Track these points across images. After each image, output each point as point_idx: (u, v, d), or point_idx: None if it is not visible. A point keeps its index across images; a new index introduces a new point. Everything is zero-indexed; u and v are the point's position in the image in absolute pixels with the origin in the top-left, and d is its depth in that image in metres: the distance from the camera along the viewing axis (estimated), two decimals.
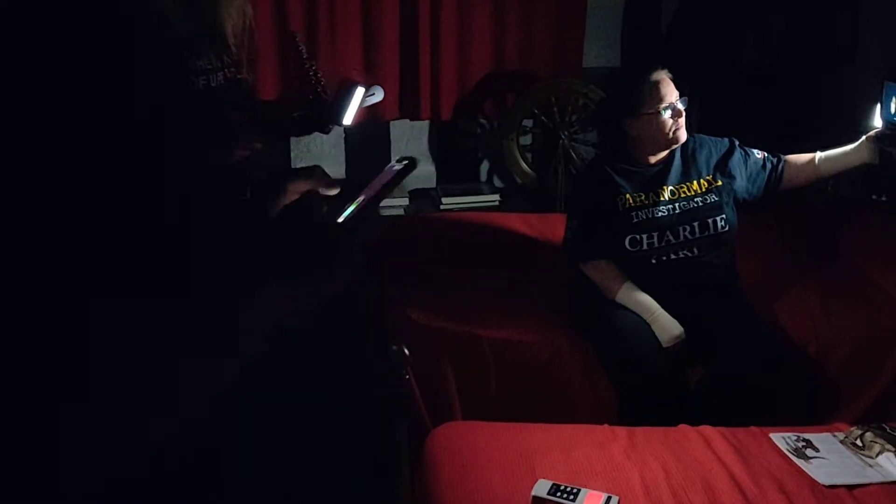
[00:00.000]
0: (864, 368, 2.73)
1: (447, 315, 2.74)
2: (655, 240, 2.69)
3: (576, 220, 2.82)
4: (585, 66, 4.22)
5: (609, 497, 1.94)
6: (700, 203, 2.72)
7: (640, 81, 2.70)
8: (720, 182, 2.76)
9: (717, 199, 2.73)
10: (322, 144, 4.19)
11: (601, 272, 2.73)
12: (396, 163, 0.87)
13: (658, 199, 2.72)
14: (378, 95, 2.51)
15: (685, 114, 2.71)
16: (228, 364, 0.84)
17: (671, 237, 2.70)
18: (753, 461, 2.13)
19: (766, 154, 2.85)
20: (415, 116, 4.16)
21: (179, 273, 0.85)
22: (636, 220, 2.70)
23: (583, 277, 2.76)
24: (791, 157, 2.85)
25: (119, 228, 0.81)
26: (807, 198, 3.39)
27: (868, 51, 3.89)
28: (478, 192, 4.15)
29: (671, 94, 2.68)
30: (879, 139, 2.67)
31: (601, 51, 4.32)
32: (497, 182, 4.41)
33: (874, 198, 3.63)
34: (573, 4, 4.12)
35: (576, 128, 4.12)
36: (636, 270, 2.69)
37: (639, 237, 2.69)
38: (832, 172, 2.84)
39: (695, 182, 2.75)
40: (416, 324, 2.69)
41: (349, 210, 0.86)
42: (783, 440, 2.24)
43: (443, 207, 4.01)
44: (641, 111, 2.68)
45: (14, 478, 0.75)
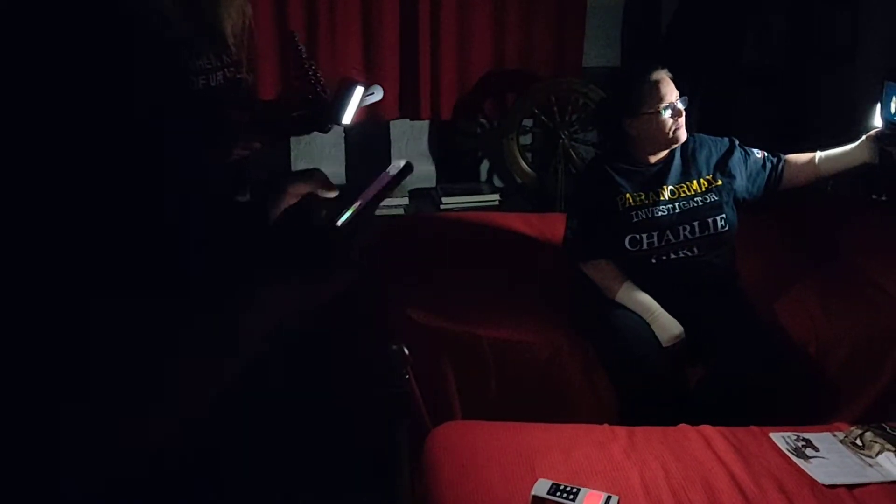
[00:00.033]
0: (864, 368, 2.73)
1: (447, 315, 2.74)
2: (655, 239, 2.69)
3: (576, 220, 2.82)
4: (585, 66, 4.22)
5: (609, 497, 1.94)
6: (700, 203, 2.72)
7: (640, 81, 2.70)
8: (720, 181, 2.76)
9: (717, 199, 2.73)
10: (322, 144, 4.19)
11: (601, 272, 2.73)
12: (393, 167, 0.88)
13: (658, 199, 2.72)
14: (377, 95, 2.52)
15: (685, 113, 2.71)
16: (228, 364, 0.84)
17: (671, 237, 2.70)
18: (753, 461, 2.13)
19: (766, 154, 2.85)
20: (415, 116, 4.16)
21: (179, 273, 0.86)
22: (636, 220, 2.70)
23: (583, 277, 2.76)
24: (791, 157, 2.85)
25: (119, 228, 0.81)
26: (807, 198, 3.39)
27: (868, 51, 3.89)
28: (478, 192, 4.15)
29: (671, 94, 2.68)
30: (879, 139, 2.67)
31: (601, 50, 4.32)
32: (497, 182, 4.41)
33: (874, 197, 3.63)
34: (573, 4, 4.12)
35: (576, 127, 4.12)
36: (636, 270, 2.69)
37: (639, 237, 2.69)
38: (832, 172, 2.84)
39: (695, 182, 2.75)
40: (416, 324, 2.69)
41: (347, 214, 0.86)
42: (783, 440, 2.24)
43: (443, 207, 4.01)
44: (641, 111, 2.68)
45: (14, 478, 0.75)
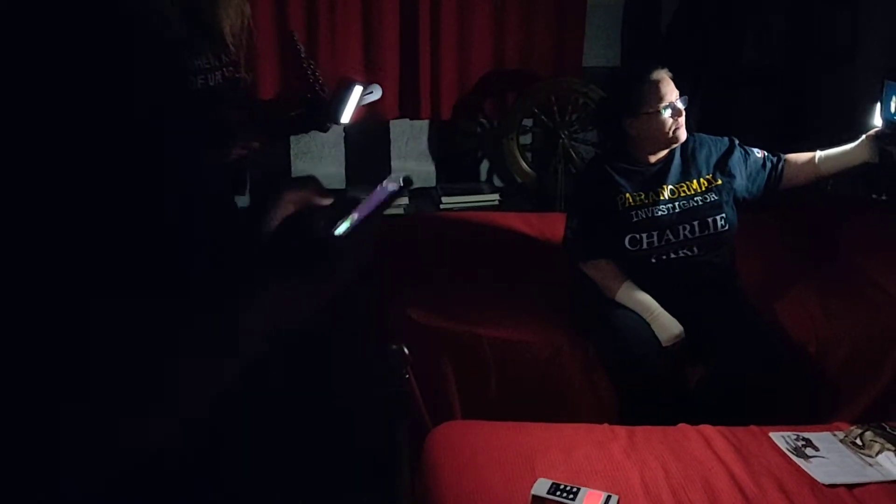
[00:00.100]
0: (864, 368, 2.73)
1: (447, 315, 2.74)
2: (655, 239, 2.69)
3: (576, 220, 2.82)
4: (585, 66, 4.21)
5: (609, 496, 1.94)
6: (700, 202, 2.72)
7: (640, 81, 2.70)
8: (720, 181, 2.76)
9: (717, 199, 2.73)
10: (322, 144, 4.18)
11: (601, 271, 2.72)
12: (392, 181, 0.86)
13: (658, 199, 2.72)
14: (376, 94, 2.52)
15: (685, 113, 2.71)
16: (228, 364, 0.84)
17: (671, 236, 2.70)
18: (753, 460, 2.13)
19: (766, 153, 2.85)
20: (415, 116, 4.15)
21: (179, 273, 0.85)
22: (636, 220, 2.70)
23: (583, 277, 2.76)
24: (791, 157, 2.85)
25: (119, 228, 0.81)
26: (807, 197, 3.39)
27: (868, 51, 3.89)
28: (478, 192, 4.15)
29: (671, 94, 2.68)
30: (879, 138, 2.67)
31: (601, 50, 4.32)
32: (497, 182, 4.41)
33: (874, 197, 3.63)
34: (573, 4, 4.12)
35: (576, 127, 4.12)
36: (636, 270, 2.69)
37: (639, 236, 2.69)
38: (832, 171, 2.84)
39: (695, 181, 2.75)
40: (416, 324, 2.69)
41: (345, 225, 0.85)
42: (783, 439, 2.24)
43: (443, 207, 4.01)
44: (641, 110, 2.68)
45: (14, 478, 0.75)
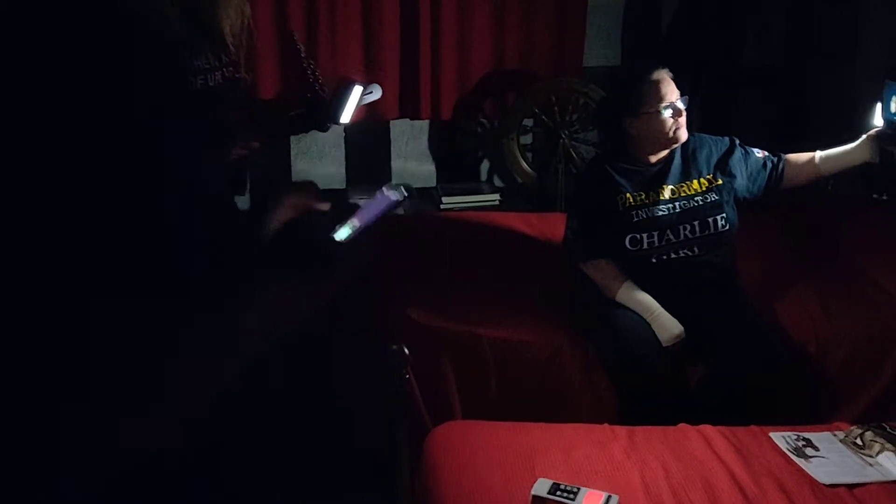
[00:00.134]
0: (864, 368, 2.73)
1: (447, 315, 2.74)
2: (656, 239, 2.69)
3: (576, 220, 2.82)
4: (586, 66, 4.21)
5: (609, 496, 1.94)
6: (700, 202, 2.72)
7: (641, 80, 2.70)
8: (720, 181, 2.76)
9: (718, 199, 2.73)
10: (322, 144, 4.18)
11: (601, 271, 2.72)
12: (393, 189, 0.87)
13: (658, 199, 2.72)
14: (376, 94, 2.52)
15: (685, 113, 2.71)
16: (228, 364, 0.84)
17: (671, 236, 2.70)
18: (753, 460, 2.13)
19: (767, 153, 2.85)
20: (415, 116, 4.15)
21: (179, 273, 0.86)
22: (636, 220, 2.70)
23: (583, 277, 2.76)
24: (791, 157, 2.85)
25: (119, 228, 0.81)
26: (807, 197, 3.39)
27: (868, 51, 3.89)
28: (478, 192, 4.14)
29: (671, 94, 2.68)
30: (880, 138, 2.67)
31: (601, 50, 4.32)
32: (497, 182, 4.41)
33: (874, 197, 3.63)
34: (573, 4, 4.12)
35: (576, 127, 4.11)
36: (636, 270, 2.69)
37: (639, 236, 2.69)
38: (833, 171, 2.84)
39: (695, 181, 2.75)
40: (416, 324, 2.69)
41: (345, 231, 0.86)
42: (783, 439, 2.24)
43: (443, 207, 4.01)
44: (642, 110, 2.68)
45: (14, 478, 0.75)
